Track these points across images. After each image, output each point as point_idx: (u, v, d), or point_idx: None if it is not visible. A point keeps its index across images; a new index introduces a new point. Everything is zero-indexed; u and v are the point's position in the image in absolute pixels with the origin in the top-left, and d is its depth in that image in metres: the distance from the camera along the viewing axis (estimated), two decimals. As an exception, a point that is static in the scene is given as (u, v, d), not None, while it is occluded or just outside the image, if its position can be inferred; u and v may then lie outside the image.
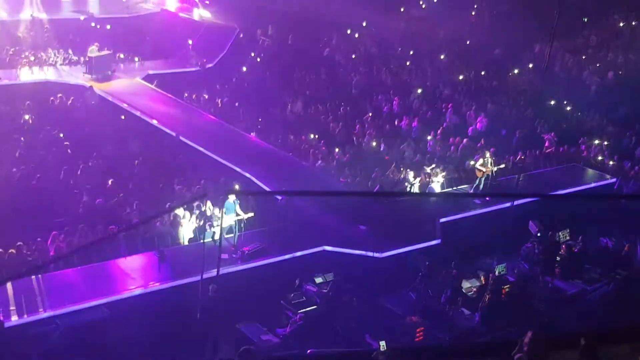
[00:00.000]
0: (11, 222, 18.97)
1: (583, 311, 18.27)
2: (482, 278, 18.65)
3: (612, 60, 36.24)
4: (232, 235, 19.01)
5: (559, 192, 23.02)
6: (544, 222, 20.81)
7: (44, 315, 15.89)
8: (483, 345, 11.41)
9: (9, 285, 16.12)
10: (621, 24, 41.88)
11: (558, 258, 19.68)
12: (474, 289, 18.33)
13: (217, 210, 19.42)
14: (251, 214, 19.10)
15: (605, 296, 18.84)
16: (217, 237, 18.92)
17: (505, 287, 18.28)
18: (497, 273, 18.65)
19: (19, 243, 17.52)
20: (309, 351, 15.22)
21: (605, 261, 20.08)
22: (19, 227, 18.87)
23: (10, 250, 17.27)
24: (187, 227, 19.64)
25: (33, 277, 16.67)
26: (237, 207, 18.89)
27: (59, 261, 17.55)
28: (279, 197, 20.99)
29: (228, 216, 18.72)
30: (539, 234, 20.52)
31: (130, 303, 16.77)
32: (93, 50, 29.33)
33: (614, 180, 24.51)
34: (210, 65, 32.76)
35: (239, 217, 18.90)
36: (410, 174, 22.64)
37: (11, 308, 15.75)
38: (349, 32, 38.55)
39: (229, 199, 18.54)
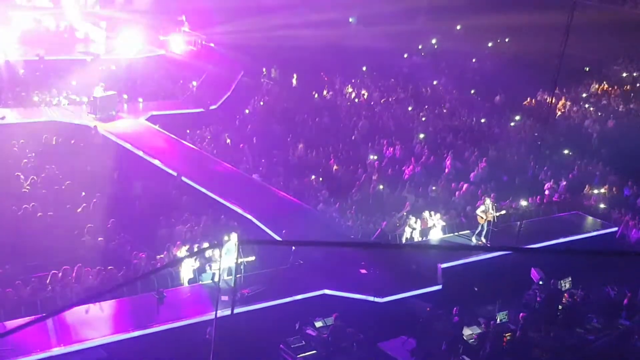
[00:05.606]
0: (11, 260, 18.88)
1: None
2: (483, 325, 18.49)
3: (614, 109, 36.53)
4: (231, 277, 18.88)
5: (560, 240, 23.01)
6: (546, 269, 20.71)
7: (40, 356, 15.71)
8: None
9: (6, 324, 15.98)
10: (623, 74, 42.39)
11: (560, 306, 19.56)
12: (475, 336, 18.16)
13: (217, 252, 19.31)
14: (252, 258, 18.97)
15: (608, 346, 18.63)
16: (216, 278, 18.83)
17: (506, 334, 18.12)
18: (498, 320, 18.51)
19: (17, 282, 17.44)
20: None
21: (607, 310, 19.93)
22: (20, 265, 18.78)
23: (7, 290, 17.16)
24: (186, 268, 19.52)
25: (30, 317, 16.51)
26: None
27: (57, 301, 17.42)
28: (283, 230, 20.92)
29: (228, 258, 18.62)
30: (540, 282, 20.41)
31: (127, 344, 16.60)
32: (98, 91, 29.54)
33: (615, 228, 24.49)
34: (214, 107, 32.99)
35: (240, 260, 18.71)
36: (412, 219, 22.62)
37: (7, 348, 15.57)
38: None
39: (230, 242, 18.44)
